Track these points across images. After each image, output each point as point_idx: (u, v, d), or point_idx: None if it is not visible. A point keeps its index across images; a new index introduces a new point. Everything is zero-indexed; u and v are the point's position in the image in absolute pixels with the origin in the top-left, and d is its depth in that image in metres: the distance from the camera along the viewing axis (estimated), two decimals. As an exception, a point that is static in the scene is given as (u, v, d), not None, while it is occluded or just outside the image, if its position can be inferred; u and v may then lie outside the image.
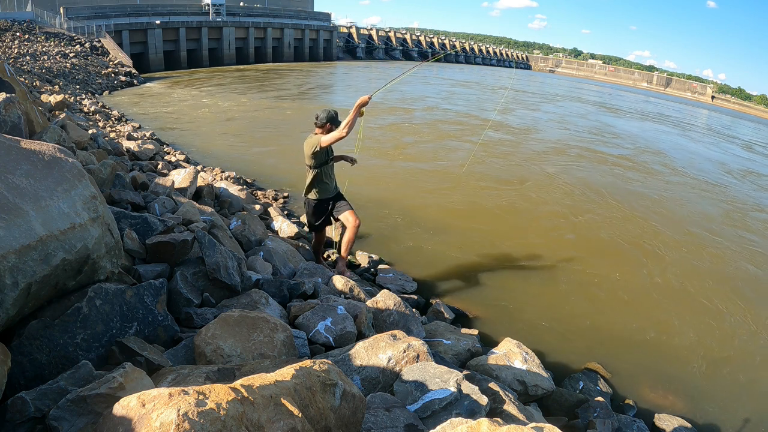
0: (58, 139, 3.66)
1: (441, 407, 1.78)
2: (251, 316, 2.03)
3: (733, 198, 9.41)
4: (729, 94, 77.07)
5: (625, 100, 36.84)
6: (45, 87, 13.40)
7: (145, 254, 2.48)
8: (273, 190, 6.70)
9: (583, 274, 5.00)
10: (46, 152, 1.79)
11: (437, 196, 7.22)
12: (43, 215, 1.59)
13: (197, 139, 10.27)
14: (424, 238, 5.49)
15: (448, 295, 4.33)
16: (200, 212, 3.59)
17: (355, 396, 1.43)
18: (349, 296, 3.27)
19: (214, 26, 36.37)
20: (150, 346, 1.82)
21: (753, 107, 66.71)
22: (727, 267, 5.73)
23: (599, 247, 5.86)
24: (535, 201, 7.41)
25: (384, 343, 2.10)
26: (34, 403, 1.35)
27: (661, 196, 8.47)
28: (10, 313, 1.47)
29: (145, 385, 1.40)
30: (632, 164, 11.13)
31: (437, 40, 68.94)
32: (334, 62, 46.41)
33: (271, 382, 1.22)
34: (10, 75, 3.99)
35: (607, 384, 3.34)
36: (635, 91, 60.94)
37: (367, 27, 58.80)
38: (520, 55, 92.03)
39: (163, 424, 0.99)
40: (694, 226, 7.09)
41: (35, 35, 24.29)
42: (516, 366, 2.77)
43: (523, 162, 10.02)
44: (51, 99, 8.93)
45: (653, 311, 4.46)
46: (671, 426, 2.96)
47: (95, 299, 1.78)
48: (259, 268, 3.25)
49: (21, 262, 1.47)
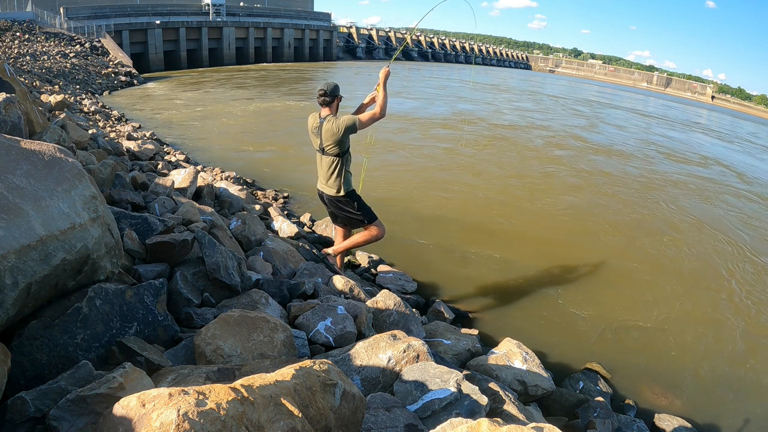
0: (58, 139, 3.66)
1: (441, 407, 1.78)
2: (251, 316, 2.03)
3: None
4: (729, 94, 77.08)
5: (651, 105, 35.67)
6: (45, 87, 13.40)
7: (145, 254, 2.48)
8: (273, 190, 6.70)
9: (583, 275, 5.00)
10: (46, 152, 1.79)
11: (437, 196, 7.23)
12: (43, 215, 1.59)
13: (197, 138, 10.27)
14: (424, 238, 5.49)
15: (448, 295, 4.33)
16: (200, 212, 3.59)
17: (355, 396, 1.43)
18: (349, 296, 3.27)
19: (214, 26, 36.38)
20: (150, 346, 1.82)
21: (753, 107, 66.71)
22: (728, 267, 5.73)
23: (600, 248, 5.86)
24: (536, 201, 7.41)
25: (384, 343, 2.10)
26: (34, 403, 1.35)
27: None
28: (10, 313, 1.47)
29: (145, 385, 1.40)
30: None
31: (437, 40, 68.96)
32: (334, 62, 46.43)
33: (271, 382, 1.22)
34: (10, 75, 3.99)
35: (607, 384, 3.34)
36: (636, 91, 60.91)
37: (367, 27, 58.83)
38: (520, 55, 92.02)
39: (163, 424, 0.99)
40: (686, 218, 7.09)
41: (35, 35, 24.29)
42: (516, 366, 2.77)
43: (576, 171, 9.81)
44: (51, 99, 8.93)
45: (653, 311, 4.46)
46: (671, 426, 2.97)
47: (95, 299, 1.78)
48: (259, 268, 3.24)
49: (21, 262, 1.47)
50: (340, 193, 3.55)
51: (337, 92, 3.42)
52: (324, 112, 3.45)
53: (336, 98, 3.43)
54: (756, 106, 67.87)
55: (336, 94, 3.41)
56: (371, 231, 3.65)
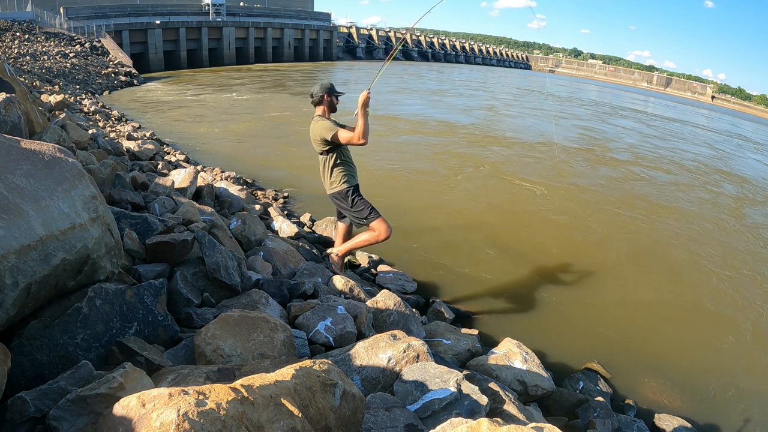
0: (58, 139, 3.66)
1: (441, 407, 1.78)
2: (251, 316, 2.03)
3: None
4: (729, 94, 77.11)
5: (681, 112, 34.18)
6: (45, 87, 13.40)
7: (145, 254, 2.48)
8: (273, 190, 6.70)
9: (583, 275, 5.00)
10: (46, 152, 1.79)
11: (438, 197, 7.23)
12: (43, 215, 1.59)
13: (197, 138, 10.27)
14: (425, 239, 5.49)
15: (448, 295, 4.33)
16: (200, 212, 3.59)
17: (355, 396, 1.43)
18: (349, 296, 3.27)
19: (214, 26, 36.41)
20: (150, 346, 1.82)
21: (753, 107, 66.74)
22: (729, 268, 5.73)
23: (599, 248, 5.86)
24: (538, 203, 7.41)
25: (384, 343, 2.10)
26: (34, 403, 1.35)
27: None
28: (10, 313, 1.47)
29: (145, 385, 1.40)
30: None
31: (437, 40, 68.98)
32: (335, 62, 46.44)
33: (271, 382, 1.22)
34: (10, 75, 3.99)
35: (607, 384, 3.34)
36: (636, 91, 60.89)
37: (367, 27, 58.87)
38: (520, 55, 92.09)
39: (163, 424, 0.99)
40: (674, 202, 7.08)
41: (35, 35, 24.30)
42: (516, 366, 2.77)
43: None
44: (51, 99, 8.93)
45: (654, 311, 4.46)
46: (671, 426, 2.96)
47: (95, 299, 1.78)
48: (259, 268, 3.24)
49: (21, 262, 1.47)
50: (334, 189, 3.56)
51: (324, 92, 3.46)
52: (317, 111, 3.52)
53: (324, 98, 3.45)
54: (756, 106, 67.89)
55: (323, 93, 3.45)
56: (374, 231, 3.55)
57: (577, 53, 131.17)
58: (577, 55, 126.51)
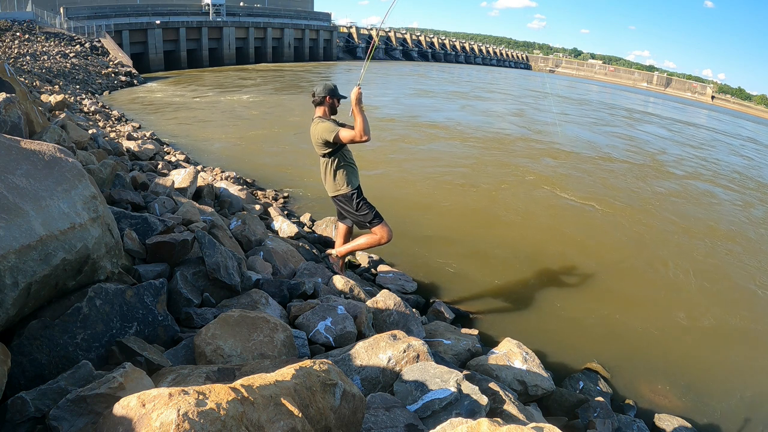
0: (58, 139, 3.66)
1: (441, 407, 1.78)
2: (251, 316, 2.03)
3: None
4: (729, 94, 77.11)
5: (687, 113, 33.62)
6: (45, 87, 13.39)
7: (145, 254, 2.48)
8: (273, 190, 6.70)
9: (583, 275, 5.00)
10: (46, 152, 1.79)
11: (437, 196, 7.23)
12: (43, 215, 1.59)
13: (197, 138, 10.26)
14: (424, 239, 5.49)
15: (448, 295, 4.33)
16: (200, 212, 3.59)
17: (355, 396, 1.43)
18: (349, 296, 3.27)
19: (214, 26, 36.39)
20: (150, 346, 1.82)
21: (753, 107, 66.76)
22: (730, 268, 5.73)
23: (599, 248, 5.85)
24: (537, 201, 7.41)
25: (384, 343, 2.10)
26: (34, 403, 1.35)
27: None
28: (10, 313, 1.47)
29: (145, 385, 1.40)
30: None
31: (437, 40, 68.99)
32: (335, 62, 46.43)
33: (271, 382, 1.22)
34: (10, 75, 3.99)
35: (607, 384, 3.34)
36: (636, 91, 60.88)
37: (367, 27, 58.81)
38: (520, 55, 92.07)
39: (163, 424, 0.99)
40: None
41: (35, 35, 24.29)
42: (516, 366, 2.77)
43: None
44: (51, 99, 8.93)
45: (654, 311, 4.46)
46: (671, 426, 2.96)
47: (95, 299, 1.78)
48: (259, 268, 3.25)
49: (21, 262, 1.47)
50: (336, 192, 3.54)
51: (326, 93, 3.40)
52: (317, 112, 3.46)
53: (326, 99, 3.40)
54: (756, 106, 67.91)
55: (325, 95, 3.39)
56: (376, 234, 3.55)
57: (577, 53, 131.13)
58: (577, 55, 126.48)
